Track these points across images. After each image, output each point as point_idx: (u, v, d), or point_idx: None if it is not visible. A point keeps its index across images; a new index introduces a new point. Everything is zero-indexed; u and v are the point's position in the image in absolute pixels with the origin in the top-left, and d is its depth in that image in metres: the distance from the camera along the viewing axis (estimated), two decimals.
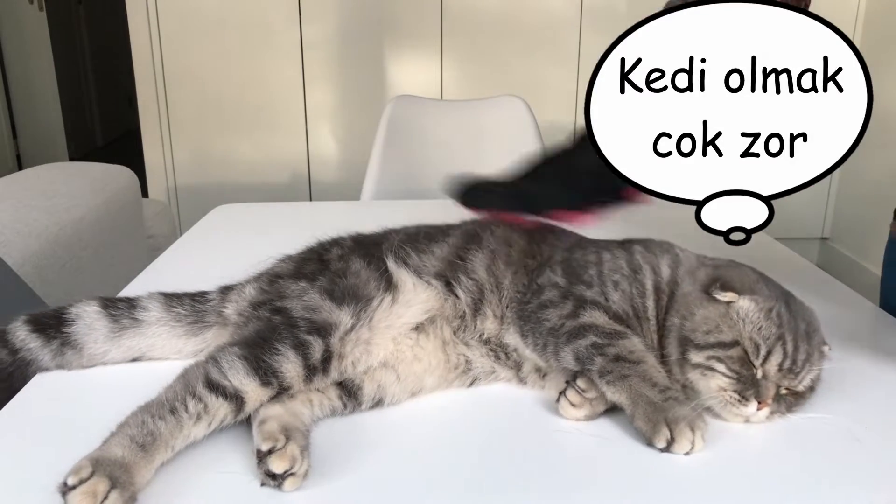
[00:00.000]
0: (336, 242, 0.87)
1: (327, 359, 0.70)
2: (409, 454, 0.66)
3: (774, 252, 1.19)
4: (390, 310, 0.77)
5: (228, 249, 1.21)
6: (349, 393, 0.72)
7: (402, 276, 0.80)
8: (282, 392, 0.68)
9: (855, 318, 0.95)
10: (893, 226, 0.99)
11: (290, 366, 0.68)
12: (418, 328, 0.78)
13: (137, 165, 2.19)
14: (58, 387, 0.76)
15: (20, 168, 4.09)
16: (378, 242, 0.84)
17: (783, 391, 0.70)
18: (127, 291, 1.01)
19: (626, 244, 0.84)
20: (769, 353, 0.70)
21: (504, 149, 1.95)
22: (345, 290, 0.76)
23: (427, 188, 1.92)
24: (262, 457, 0.61)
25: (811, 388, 0.72)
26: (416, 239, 0.84)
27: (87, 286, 1.37)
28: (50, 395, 0.76)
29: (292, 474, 0.60)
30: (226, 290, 0.82)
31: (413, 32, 2.91)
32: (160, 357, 0.79)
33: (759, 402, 0.69)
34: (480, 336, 0.79)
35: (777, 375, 0.70)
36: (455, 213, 0.91)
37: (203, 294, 0.82)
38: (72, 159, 4.78)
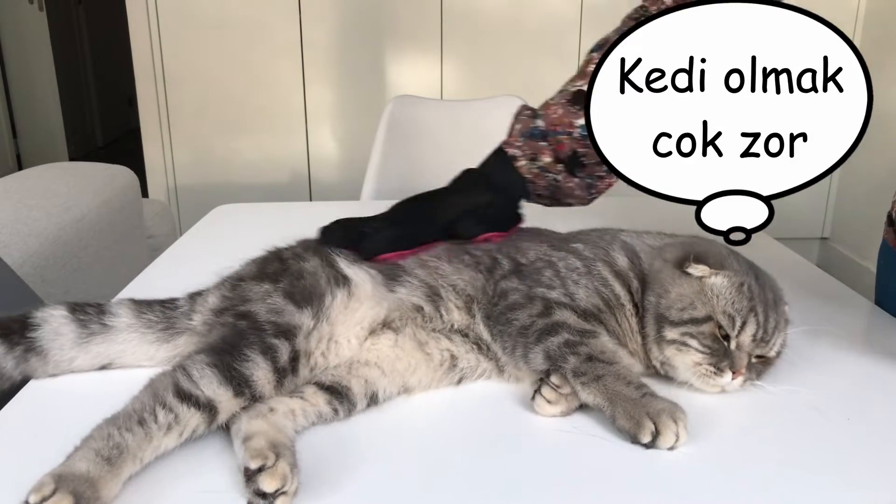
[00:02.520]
0: (294, 243, 0.87)
1: (294, 359, 0.70)
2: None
3: (774, 252, 1.19)
4: (347, 304, 0.77)
5: (228, 249, 1.21)
6: (340, 396, 0.71)
7: (354, 272, 0.80)
8: (254, 401, 0.66)
9: (854, 317, 0.95)
10: (887, 231, 0.99)
11: (260, 372, 0.67)
12: (390, 326, 0.78)
13: (137, 165, 2.19)
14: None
15: (20, 168, 4.09)
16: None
17: (754, 359, 0.74)
18: (127, 291, 1.01)
19: (565, 243, 0.85)
20: (743, 324, 0.73)
21: None
22: (303, 291, 0.76)
23: (427, 188, 1.91)
24: (250, 475, 0.58)
25: (778, 354, 0.76)
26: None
27: (87, 286, 1.37)
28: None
29: (283, 493, 0.58)
30: (194, 297, 0.80)
31: (413, 32, 2.91)
32: (130, 364, 0.77)
33: (734, 372, 0.72)
34: (452, 327, 0.79)
35: (751, 346, 0.74)
36: None
37: (173, 300, 0.80)
38: (72, 159, 4.78)
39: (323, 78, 2.93)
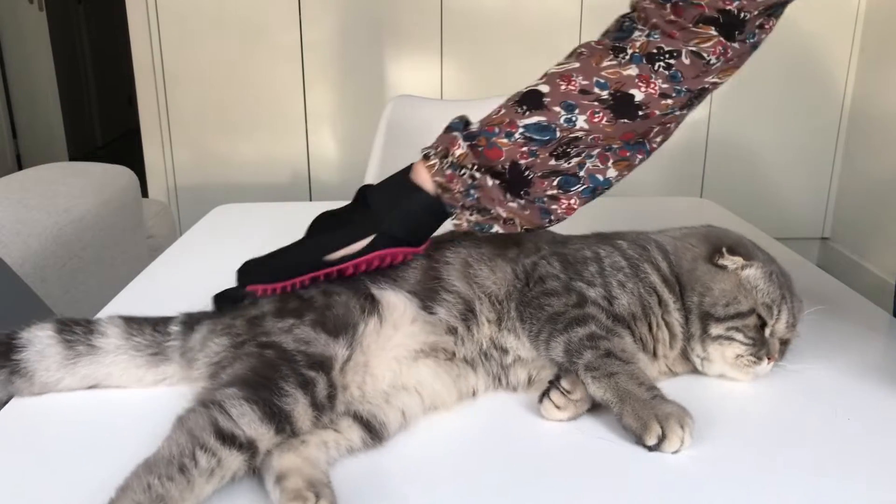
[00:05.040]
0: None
1: (332, 395, 0.66)
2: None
3: (774, 252, 1.19)
4: (380, 331, 0.74)
5: (228, 249, 1.21)
6: (374, 432, 0.67)
7: (386, 295, 0.77)
8: (293, 436, 0.62)
9: (855, 318, 0.95)
10: None
11: (300, 408, 0.62)
12: (428, 353, 0.75)
13: (137, 165, 2.19)
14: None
15: (20, 168, 4.09)
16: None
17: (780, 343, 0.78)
18: (127, 291, 1.01)
19: (608, 239, 0.84)
20: (779, 313, 0.76)
21: None
22: (336, 321, 0.72)
23: None
24: None
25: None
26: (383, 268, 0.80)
27: (87, 286, 1.37)
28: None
29: None
30: (188, 322, 0.76)
31: (413, 32, 2.91)
32: (118, 386, 0.75)
33: (769, 359, 0.76)
34: (481, 348, 0.77)
35: (784, 332, 0.77)
36: None
37: (167, 323, 0.76)
38: (72, 159, 4.77)
39: (323, 78, 2.93)
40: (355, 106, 2.97)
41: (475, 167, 0.79)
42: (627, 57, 0.77)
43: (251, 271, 0.79)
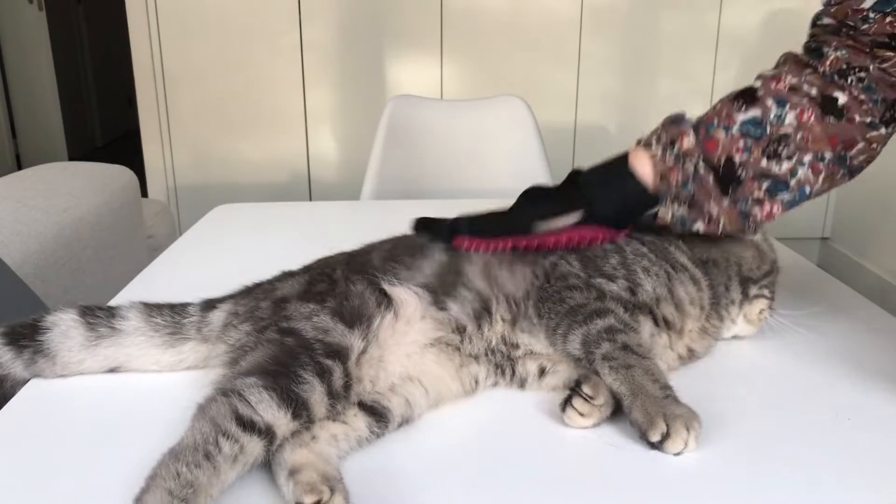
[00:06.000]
0: (336, 261, 0.84)
1: (347, 385, 0.67)
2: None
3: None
4: (394, 327, 0.75)
5: (228, 249, 1.22)
6: (379, 417, 0.68)
7: (397, 292, 0.77)
8: (309, 423, 0.64)
9: (855, 318, 0.95)
10: None
11: (317, 395, 0.64)
12: (434, 344, 0.76)
13: (137, 165, 2.19)
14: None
15: (20, 168, 4.09)
16: (366, 260, 0.82)
17: None
18: (127, 291, 1.01)
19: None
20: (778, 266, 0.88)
21: (504, 149, 1.95)
22: (352, 311, 0.73)
23: (427, 188, 1.92)
24: None
25: None
26: (399, 255, 0.82)
27: (87, 286, 1.37)
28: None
29: None
30: (208, 306, 0.79)
31: (413, 32, 2.91)
32: (138, 368, 0.77)
33: (771, 308, 0.86)
34: (489, 345, 0.77)
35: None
36: (453, 213, 0.90)
37: (184, 306, 0.79)
38: (72, 159, 4.77)
39: (323, 78, 2.93)
40: (355, 106, 2.97)
41: (700, 160, 0.80)
42: (820, 72, 0.80)
43: (461, 224, 0.83)
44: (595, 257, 0.81)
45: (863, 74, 0.78)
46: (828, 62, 0.79)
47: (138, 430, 0.68)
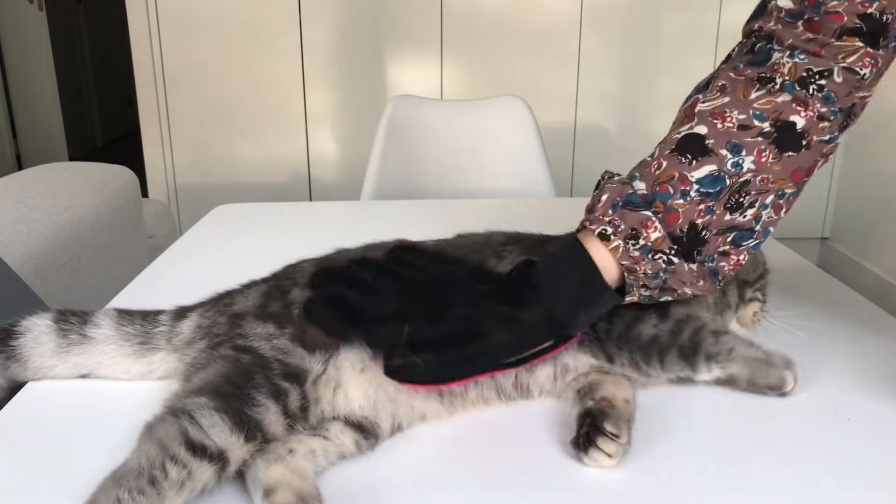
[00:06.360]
0: (295, 280, 0.77)
1: (305, 407, 0.64)
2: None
3: (774, 252, 1.19)
4: (360, 350, 0.70)
5: (228, 249, 1.22)
6: (368, 433, 0.66)
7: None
8: (265, 443, 0.61)
9: (855, 318, 0.95)
10: None
11: (271, 416, 0.61)
12: None
13: (137, 165, 2.19)
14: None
15: (20, 168, 4.09)
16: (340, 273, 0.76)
17: None
18: (127, 291, 1.01)
19: None
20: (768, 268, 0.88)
21: (504, 149, 1.95)
22: (314, 339, 0.69)
23: (427, 188, 1.92)
24: None
25: None
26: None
27: (87, 286, 1.37)
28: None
29: None
30: (179, 315, 0.77)
31: (413, 32, 2.91)
32: (108, 376, 0.75)
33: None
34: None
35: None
36: (454, 213, 0.90)
37: (156, 315, 0.77)
38: (72, 159, 4.78)
39: (323, 78, 2.93)
40: (355, 106, 2.97)
41: (672, 251, 0.71)
42: (777, 86, 0.71)
43: (415, 349, 0.67)
44: None
45: (823, 82, 0.71)
46: (785, 69, 0.71)
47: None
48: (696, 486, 0.62)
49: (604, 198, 0.72)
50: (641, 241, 0.70)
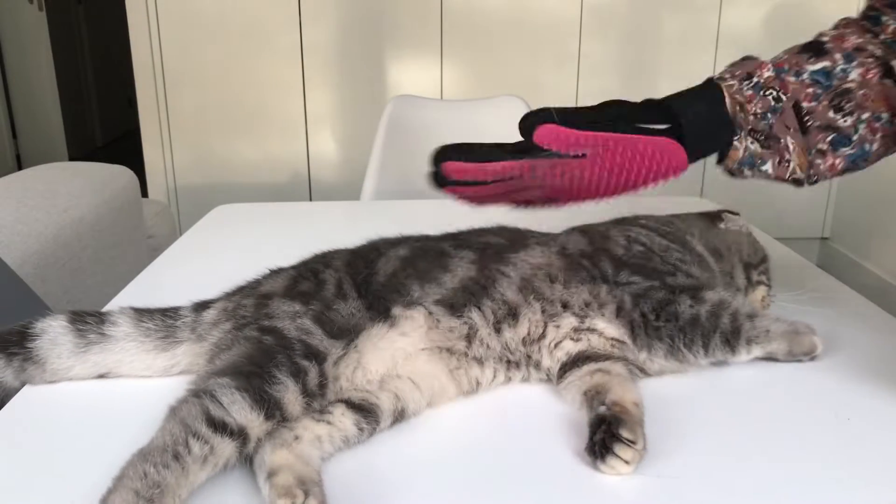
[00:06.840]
0: (329, 265, 0.81)
1: (323, 384, 0.67)
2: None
3: (774, 252, 1.19)
4: (383, 336, 0.73)
5: (228, 249, 1.22)
6: (368, 415, 0.67)
7: (407, 313, 0.75)
8: (283, 422, 0.63)
9: (855, 318, 0.95)
10: None
11: (290, 395, 0.63)
12: (428, 350, 0.74)
13: (137, 166, 2.19)
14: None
15: (20, 168, 4.09)
16: (369, 274, 0.79)
17: None
18: (127, 291, 1.01)
19: (637, 227, 0.88)
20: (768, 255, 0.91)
21: None
22: (340, 324, 0.72)
23: (427, 188, 1.91)
24: None
25: None
26: (412, 270, 0.79)
27: (87, 286, 1.37)
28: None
29: None
30: (200, 307, 0.78)
31: (413, 33, 2.91)
32: (128, 374, 0.76)
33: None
34: (504, 345, 0.75)
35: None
36: (454, 213, 0.90)
37: (176, 309, 0.78)
38: (72, 159, 4.78)
39: (323, 78, 2.93)
40: (355, 106, 2.97)
41: (780, 92, 0.78)
42: (879, 39, 0.80)
43: (548, 114, 0.81)
44: (643, 260, 0.82)
45: None
46: (889, 30, 0.80)
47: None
48: (696, 486, 0.62)
49: (731, 65, 0.80)
50: (755, 80, 0.78)
